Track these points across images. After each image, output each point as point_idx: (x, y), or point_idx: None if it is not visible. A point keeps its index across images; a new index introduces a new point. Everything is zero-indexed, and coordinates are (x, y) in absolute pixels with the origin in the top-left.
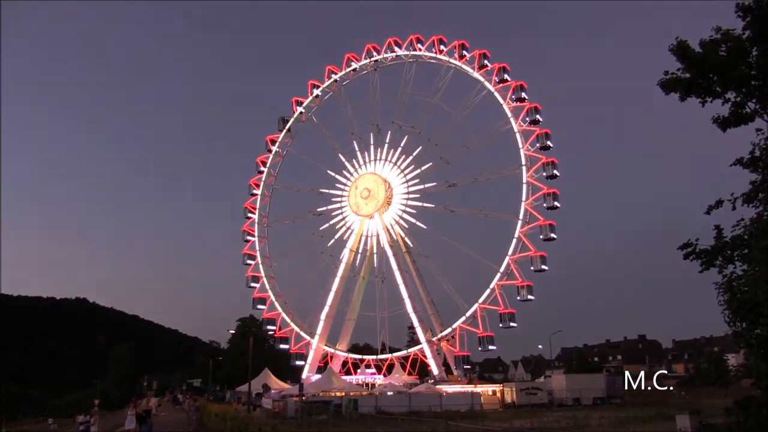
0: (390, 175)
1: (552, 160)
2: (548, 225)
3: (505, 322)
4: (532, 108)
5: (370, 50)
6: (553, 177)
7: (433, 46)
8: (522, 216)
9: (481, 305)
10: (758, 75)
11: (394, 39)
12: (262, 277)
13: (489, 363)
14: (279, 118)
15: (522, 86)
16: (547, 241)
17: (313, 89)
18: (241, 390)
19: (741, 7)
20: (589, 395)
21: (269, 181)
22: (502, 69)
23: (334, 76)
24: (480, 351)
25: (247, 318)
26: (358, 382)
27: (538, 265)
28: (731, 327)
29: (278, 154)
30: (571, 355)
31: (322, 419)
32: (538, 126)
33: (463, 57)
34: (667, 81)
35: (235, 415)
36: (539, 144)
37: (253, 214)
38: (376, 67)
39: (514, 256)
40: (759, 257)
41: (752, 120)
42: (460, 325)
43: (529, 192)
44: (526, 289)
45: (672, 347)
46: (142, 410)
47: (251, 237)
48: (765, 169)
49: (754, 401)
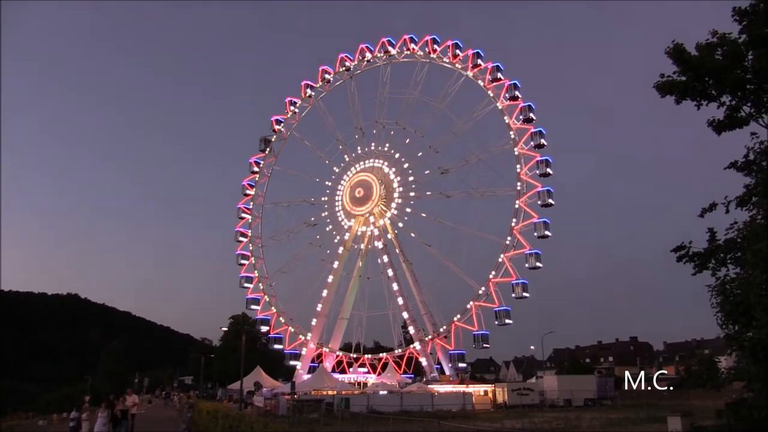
0: (382, 172)
1: (539, 129)
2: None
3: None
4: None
5: (343, 59)
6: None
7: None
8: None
9: (493, 280)
10: (754, 79)
11: (364, 46)
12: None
13: (481, 363)
14: (260, 139)
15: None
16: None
17: (291, 105)
18: (232, 388)
19: (737, 12)
20: (581, 396)
21: (258, 202)
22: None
23: (309, 91)
24: (474, 348)
25: (240, 316)
26: (350, 380)
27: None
28: (723, 329)
29: (263, 173)
30: (562, 356)
31: (314, 418)
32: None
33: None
34: (663, 84)
35: (227, 413)
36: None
37: (244, 237)
38: (351, 75)
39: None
40: (752, 260)
41: (747, 124)
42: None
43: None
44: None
45: (663, 349)
46: (119, 410)
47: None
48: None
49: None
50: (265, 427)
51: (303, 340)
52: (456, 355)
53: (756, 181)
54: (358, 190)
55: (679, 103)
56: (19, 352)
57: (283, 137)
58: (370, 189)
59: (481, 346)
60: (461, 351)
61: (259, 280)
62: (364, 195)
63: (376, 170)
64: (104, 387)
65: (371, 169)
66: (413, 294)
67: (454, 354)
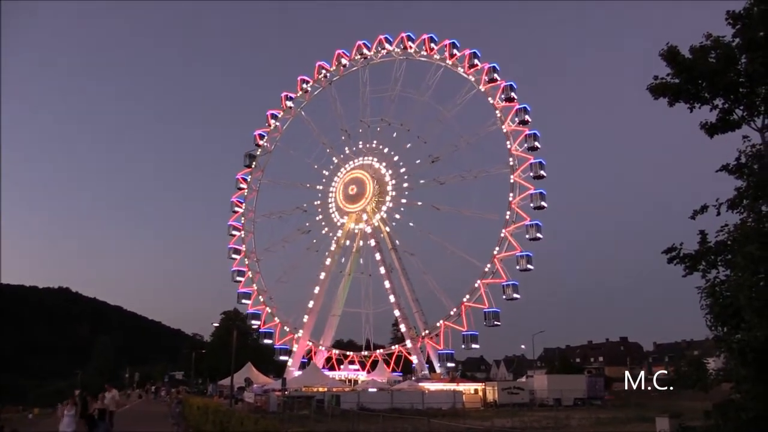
0: (373, 168)
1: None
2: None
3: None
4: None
5: (322, 67)
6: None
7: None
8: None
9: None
10: (746, 82)
11: (341, 52)
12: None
13: (472, 362)
14: (245, 155)
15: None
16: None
17: (272, 119)
18: (223, 383)
19: (731, 15)
20: (570, 396)
21: (249, 217)
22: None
23: (289, 103)
24: (463, 349)
25: (231, 311)
26: (341, 378)
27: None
28: (712, 331)
29: (252, 188)
30: (553, 356)
31: (304, 414)
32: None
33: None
34: (656, 86)
35: (217, 408)
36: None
37: (238, 254)
38: (330, 81)
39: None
40: (742, 263)
41: (739, 127)
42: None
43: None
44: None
45: (653, 350)
46: (96, 409)
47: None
48: (750, 176)
49: (732, 405)
50: (255, 423)
51: (294, 336)
52: (445, 354)
53: (747, 184)
54: (351, 188)
55: (672, 105)
56: (8, 346)
57: (268, 150)
58: (363, 185)
59: (470, 346)
60: (450, 351)
61: (258, 293)
62: (358, 192)
63: (367, 167)
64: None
65: (362, 167)
66: (405, 292)
67: (443, 354)
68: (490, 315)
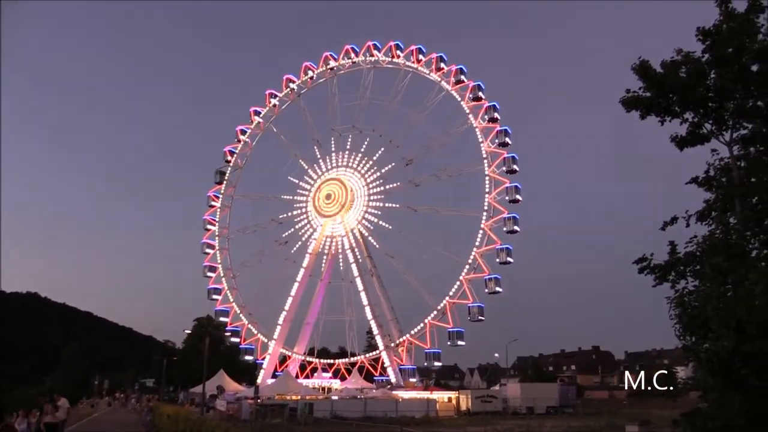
0: (352, 178)
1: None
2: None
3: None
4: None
5: (290, 80)
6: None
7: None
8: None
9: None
10: (716, 97)
11: (308, 64)
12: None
13: (446, 370)
14: (215, 171)
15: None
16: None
17: (242, 134)
18: (195, 391)
19: (701, 31)
20: (543, 404)
21: (223, 234)
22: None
23: (257, 118)
24: (449, 345)
25: (204, 318)
26: (314, 386)
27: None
28: (681, 341)
29: (224, 205)
30: (526, 364)
31: (277, 423)
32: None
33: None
34: (628, 99)
35: (188, 416)
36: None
37: (213, 272)
38: (299, 94)
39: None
40: (710, 274)
41: (708, 140)
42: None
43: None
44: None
45: (624, 359)
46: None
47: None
48: (719, 188)
49: (700, 414)
50: (226, 431)
51: (263, 341)
52: (432, 353)
53: (716, 196)
54: (326, 196)
55: (643, 119)
56: None
57: (239, 166)
58: (337, 193)
59: (456, 343)
60: (437, 350)
61: (237, 309)
62: (333, 200)
63: (341, 175)
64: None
65: (336, 176)
66: (380, 300)
67: (430, 353)
68: (474, 310)
